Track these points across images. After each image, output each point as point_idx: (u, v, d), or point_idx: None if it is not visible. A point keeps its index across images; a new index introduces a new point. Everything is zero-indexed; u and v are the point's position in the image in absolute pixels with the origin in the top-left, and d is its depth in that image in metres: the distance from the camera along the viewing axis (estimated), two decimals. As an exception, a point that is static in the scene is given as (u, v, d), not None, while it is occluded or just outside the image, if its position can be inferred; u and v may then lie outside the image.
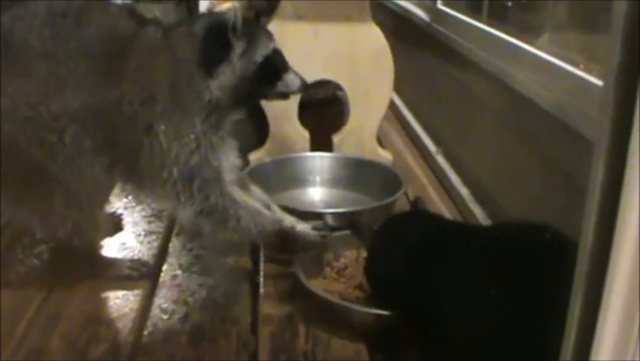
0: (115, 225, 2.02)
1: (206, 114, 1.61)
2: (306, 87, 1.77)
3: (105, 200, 1.75)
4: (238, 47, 1.62)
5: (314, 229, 1.74)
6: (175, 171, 1.60)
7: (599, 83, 1.40)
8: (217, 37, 1.61)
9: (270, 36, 1.72)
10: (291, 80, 1.72)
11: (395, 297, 1.44)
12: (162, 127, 1.57)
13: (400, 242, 1.47)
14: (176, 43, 1.62)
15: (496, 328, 1.12)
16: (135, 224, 2.06)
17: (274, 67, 1.70)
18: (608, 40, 0.56)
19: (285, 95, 1.75)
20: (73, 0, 1.62)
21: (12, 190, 1.57)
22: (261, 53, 1.66)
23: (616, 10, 0.53)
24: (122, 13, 1.67)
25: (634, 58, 0.52)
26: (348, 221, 1.75)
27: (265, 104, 1.86)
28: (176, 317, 1.60)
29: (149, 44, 1.62)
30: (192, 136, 1.59)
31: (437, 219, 1.60)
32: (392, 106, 2.95)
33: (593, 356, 0.58)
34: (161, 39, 1.63)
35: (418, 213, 1.70)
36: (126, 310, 1.63)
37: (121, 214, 2.08)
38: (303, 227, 1.73)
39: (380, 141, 2.61)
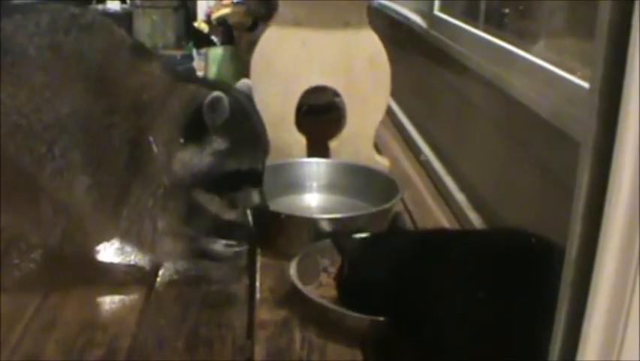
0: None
1: (163, 184, 1.63)
2: (264, 208, 1.77)
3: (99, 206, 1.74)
4: (215, 142, 1.63)
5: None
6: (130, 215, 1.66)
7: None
8: (199, 120, 1.61)
9: (261, 148, 1.73)
10: (251, 196, 1.74)
11: (378, 305, 1.44)
12: (135, 172, 1.61)
13: (386, 253, 1.47)
14: (173, 99, 1.63)
15: (485, 330, 1.13)
16: (132, 229, 2.05)
17: (242, 180, 1.71)
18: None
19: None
20: (78, 18, 1.62)
21: (4, 196, 1.56)
22: (233, 165, 1.67)
23: (600, 15, 0.53)
24: (129, 43, 1.67)
25: (618, 61, 0.53)
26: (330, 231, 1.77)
27: (262, 109, 1.86)
28: (172, 321, 1.60)
29: (149, 87, 1.62)
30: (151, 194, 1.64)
31: (420, 233, 1.61)
32: (389, 112, 2.96)
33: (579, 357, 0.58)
34: (161, 87, 1.63)
35: (400, 231, 1.67)
36: (122, 314, 1.63)
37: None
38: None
39: (377, 147, 2.62)
